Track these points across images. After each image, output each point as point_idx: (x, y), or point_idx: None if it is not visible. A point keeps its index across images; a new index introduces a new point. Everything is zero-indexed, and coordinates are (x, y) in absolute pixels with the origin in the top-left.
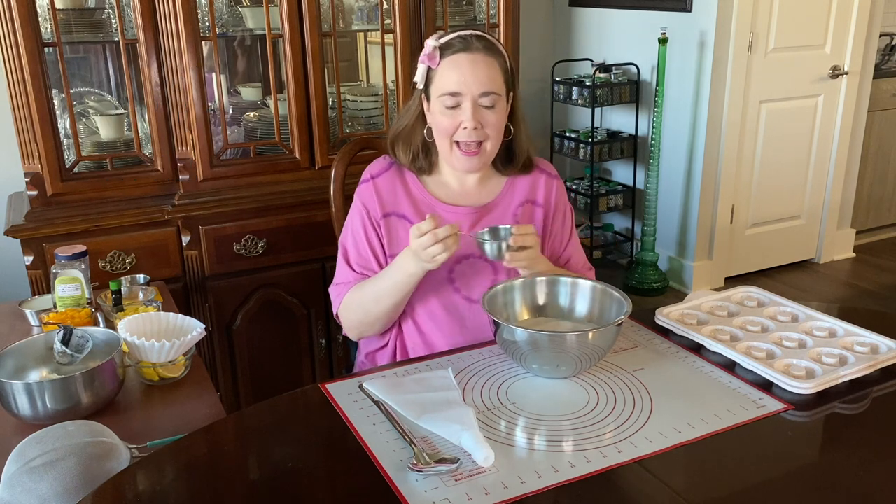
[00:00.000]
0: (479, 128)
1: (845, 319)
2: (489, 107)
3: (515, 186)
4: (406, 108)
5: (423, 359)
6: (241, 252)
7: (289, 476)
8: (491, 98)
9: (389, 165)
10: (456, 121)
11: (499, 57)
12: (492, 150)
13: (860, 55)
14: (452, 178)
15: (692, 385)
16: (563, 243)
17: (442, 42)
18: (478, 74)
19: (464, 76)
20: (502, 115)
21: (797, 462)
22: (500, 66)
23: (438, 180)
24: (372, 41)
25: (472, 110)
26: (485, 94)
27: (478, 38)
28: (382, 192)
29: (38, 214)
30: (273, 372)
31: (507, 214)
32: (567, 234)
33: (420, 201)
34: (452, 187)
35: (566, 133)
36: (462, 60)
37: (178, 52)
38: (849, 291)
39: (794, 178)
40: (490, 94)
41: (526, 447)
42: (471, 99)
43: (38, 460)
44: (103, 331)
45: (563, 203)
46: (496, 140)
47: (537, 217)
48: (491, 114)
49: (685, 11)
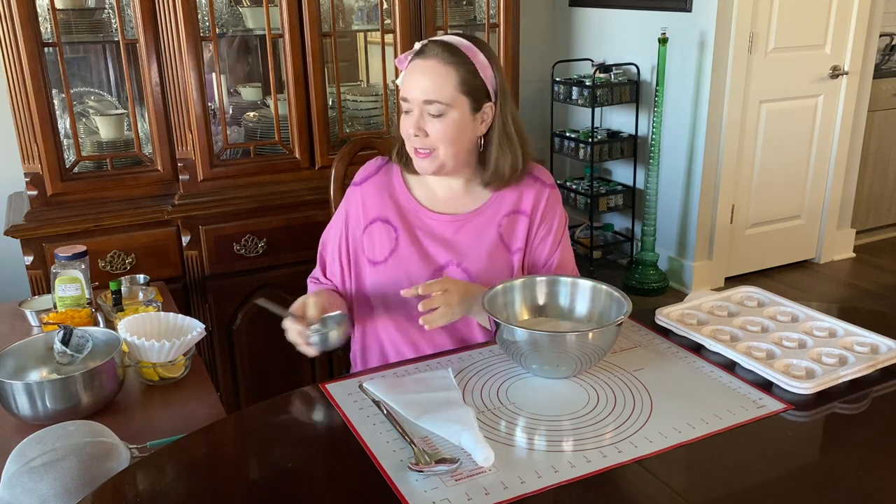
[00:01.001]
0: (419, 135)
1: (845, 319)
2: (435, 115)
3: (504, 196)
4: None
5: (423, 359)
6: (241, 252)
7: (289, 476)
8: (436, 107)
9: (378, 169)
10: (407, 127)
11: (458, 66)
12: (445, 158)
13: (860, 55)
14: (437, 184)
15: (692, 385)
16: (544, 252)
17: (418, 46)
18: (422, 82)
19: (412, 82)
20: (453, 125)
21: (797, 462)
22: (455, 76)
23: (426, 185)
24: (372, 41)
25: (417, 117)
26: (427, 102)
27: (442, 45)
28: (368, 198)
29: (38, 214)
30: (273, 372)
31: (493, 224)
32: (554, 242)
33: (405, 207)
34: (438, 194)
35: (566, 133)
36: (414, 67)
37: (178, 52)
38: (849, 291)
39: (793, 177)
40: (433, 102)
41: (526, 447)
42: (417, 107)
43: (38, 460)
44: (103, 331)
45: (551, 212)
46: (449, 149)
47: (521, 226)
48: (437, 122)
49: (685, 11)
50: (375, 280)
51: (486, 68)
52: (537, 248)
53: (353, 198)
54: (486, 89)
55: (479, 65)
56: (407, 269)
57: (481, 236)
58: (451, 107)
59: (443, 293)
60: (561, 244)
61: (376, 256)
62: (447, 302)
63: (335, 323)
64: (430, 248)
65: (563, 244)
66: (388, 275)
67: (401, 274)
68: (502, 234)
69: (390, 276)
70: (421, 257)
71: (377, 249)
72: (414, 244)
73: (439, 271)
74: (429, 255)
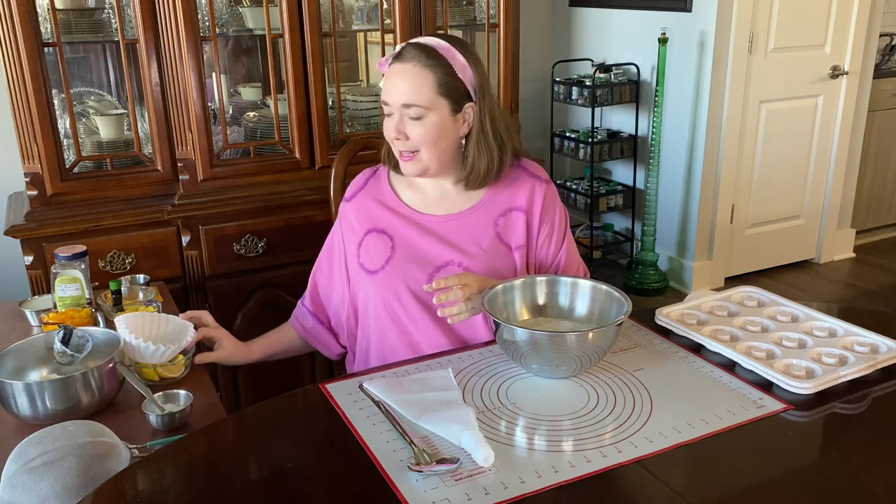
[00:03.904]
0: (400, 139)
1: (845, 319)
2: (415, 118)
3: (499, 193)
4: None
5: (423, 359)
6: (241, 252)
7: (289, 476)
8: (415, 110)
9: (366, 182)
10: (388, 129)
11: (435, 69)
12: (429, 160)
13: (860, 55)
14: (428, 185)
15: (692, 385)
16: (550, 250)
17: (397, 50)
18: (399, 86)
19: (391, 86)
20: (433, 128)
21: (797, 462)
22: (432, 79)
23: (417, 188)
24: (372, 41)
25: (397, 121)
26: (406, 105)
27: (419, 47)
28: (359, 211)
29: (38, 214)
30: (273, 372)
31: (489, 223)
32: (558, 240)
33: (397, 212)
34: (429, 194)
35: (566, 133)
36: (392, 70)
37: (178, 52)
38: (849, 291)
39: (793, 178)
40: (412, 106)
41: (526, 447)
42: (396, 110)
43: (38, 460)
44: (103, 331)
45: (551, 209)
46: (432, 151)
47: (519, 224)
48: (417, 125)
49: (685, 11)
50: (373, 289)
51: (464, 68)
52: (542, 247)
53: (344, 215)
54: (466, 90)
55: (457, 66)
56: (404, 273)
57: (479, 234)
58: (429, 109)
59: (462, 287)
60: (565, 241)
61: (374, 265)
62: (465, 296)
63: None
64: (428, 249)
65: (567, 241)
66: (387, 281)
67: (398, 280)
68: (500, 233)
69: (389, 282)
70: (419, 260)
71: (374, 259)
72: (411, 247)
73: (439, 271)
74: (428, 256)
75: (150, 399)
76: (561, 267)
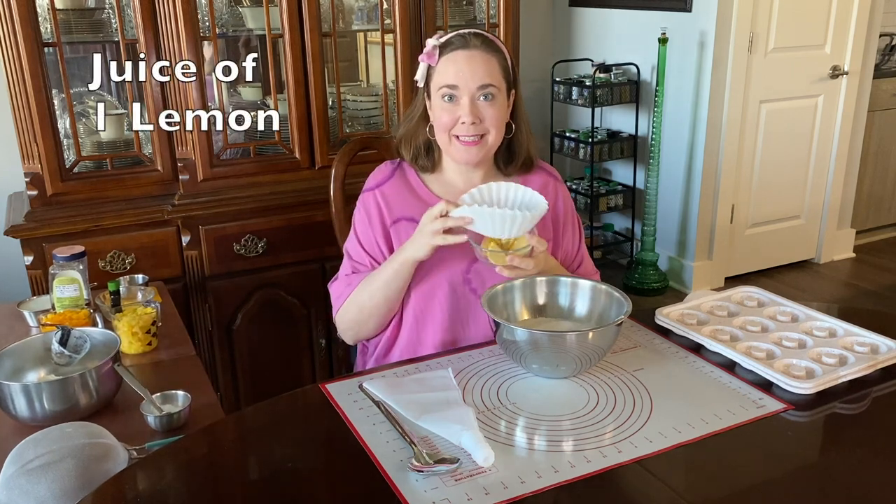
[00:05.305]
0: (477, 122)
1: (845, 319)
2: (488, 100)
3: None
4: (410, 109)
5: (423, 359)
6: (241, 252)
7: (289, 476)
8: (491, 90)
9: (392, 172)
10: (454, 116)
11: (497, 54)
12: (493, 143)
13: (860, 55)
14: (457, 176)
15: (692, 385)
16: (573, 247)
17: (442, 41)
18: (475, 69)
19: (461, 71)
20: (502, 109)
21: (797, 462)
22: (498, 63)
23: (442, 179)
24: (372, 41)
25: (470, 105)
26: (482, 87)
27: (476, 35)
28: (390, 199)
29: (38, 214)
30: (273, 372)
31: None
32: (580, 238)
33: (427, 202)
34: (457, 186)
35: (566, 133)
36: (459, 57)
37: (178, 52)
38: (849, 291)
39: (793, 177)
40: (488, 86)
41: (526, 447)
42: (468, 94)
43: (36, 462)
44: (101, 331)
45: (570, 208)
46: (497, 134)
47: (547, 218)
48: (489, 107)
49: (685, 11)
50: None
51: (509, 57)
52: (567, 243)
53: (371, 201)
54: (512, 77)
55: (507, 54)
56: (440, 260)
57: None
58: (500, 91)
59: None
60: (580, 241)
61: None
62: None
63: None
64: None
65: (581, 240)
66: (424, 269)
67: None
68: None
69: (426, 270)
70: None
71: None
72: None
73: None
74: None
75: (149, 400)
76: (582, 264)
